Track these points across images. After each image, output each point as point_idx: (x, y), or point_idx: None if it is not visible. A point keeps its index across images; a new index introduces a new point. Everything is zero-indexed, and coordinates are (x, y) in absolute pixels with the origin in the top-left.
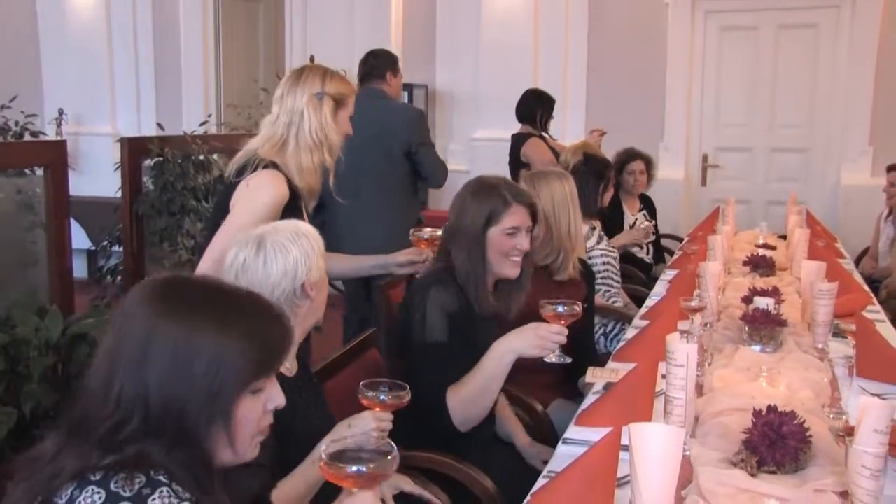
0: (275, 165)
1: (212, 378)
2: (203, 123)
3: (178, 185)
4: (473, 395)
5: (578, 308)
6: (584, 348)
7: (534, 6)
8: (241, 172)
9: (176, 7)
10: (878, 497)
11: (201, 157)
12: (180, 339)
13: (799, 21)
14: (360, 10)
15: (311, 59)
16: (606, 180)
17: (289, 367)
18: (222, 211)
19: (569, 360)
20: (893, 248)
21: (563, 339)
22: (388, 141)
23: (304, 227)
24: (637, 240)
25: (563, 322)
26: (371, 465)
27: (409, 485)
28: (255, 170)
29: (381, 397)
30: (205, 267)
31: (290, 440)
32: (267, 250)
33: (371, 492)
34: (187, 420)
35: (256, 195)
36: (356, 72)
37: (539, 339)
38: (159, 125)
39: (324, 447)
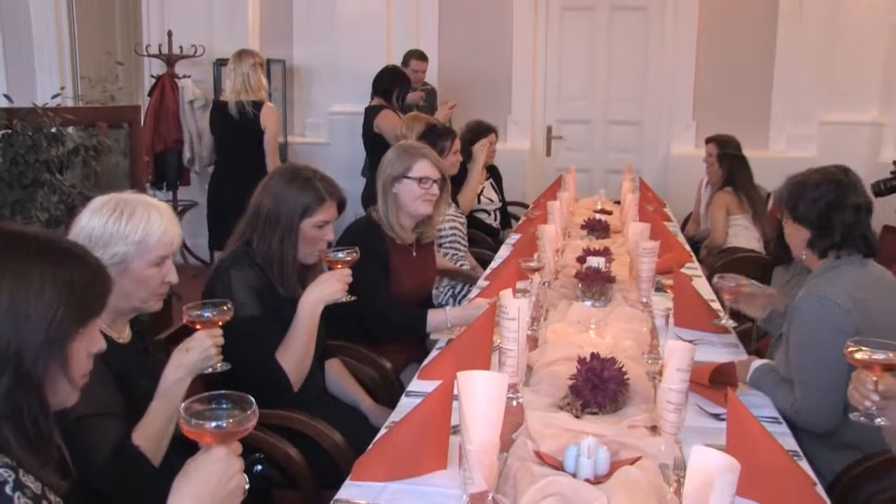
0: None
1: (46, 323)
2: (56, 96)
3: (29, 158)
4: (300, 351)
5: (356, 253)
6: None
7: None
8: (258, 108)
9: None
10: (680, 427)
11: (53, 130)
12: (12, 287)
13: (630, 3)
14: None
15: (169, 34)
16: (440, 149)
17: (117, 335)
18: (252, 133)
19: (354, 298)
20: (708, 211)
21: (351, 279)
22: None
23: (141, 208)
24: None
25: (341, 266)
26: (230, 421)
27: None
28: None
29: (206, 314)
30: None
31: (131, 397)
32: (112, 214)
33: (226, 447)
34: (24, 364)
35: (276, 118)
36: (213, 47)
37: (339, 284)
38: (6, 97)
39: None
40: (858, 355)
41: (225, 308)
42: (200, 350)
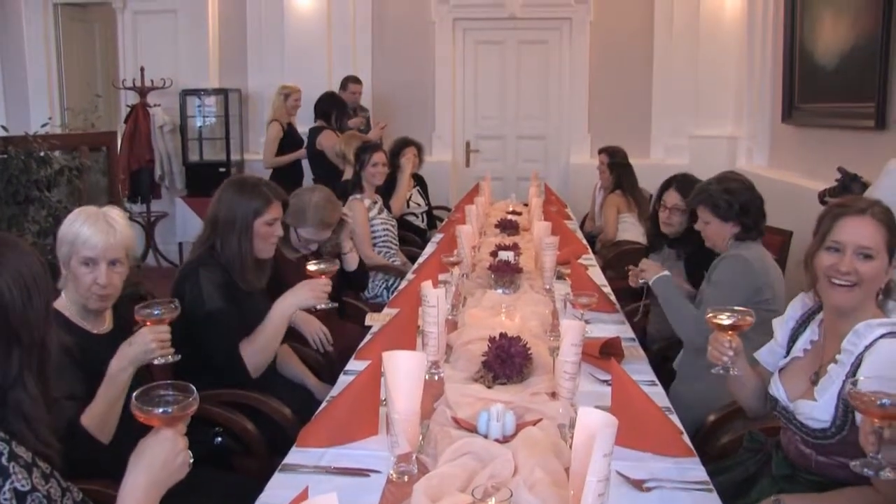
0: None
1: (45, 299)
2: (44, 126)
3: (22, 178)
4: (264, 345)
5: (336, 264)
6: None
7: (326, 24)
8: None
9: (20, 27)
10: (575, 392)
11: (42, 154)
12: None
13: (533, 38)
14: (182, 29)
15: (142, 69)
16: (361, 162)
17: (91, 327)
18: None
19: (335, 304)
20: (601, 211)
21: (329, 289)
22: None
23: (85, 215)
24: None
25: (324, 277)
26: (175, 407)
27: None
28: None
29: (155, 312)
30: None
31: (95, 381)
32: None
33: (172, 429)
34: (33, 334)
35: (273, 133)
36: (179, 79)
37: (313, 292)
38: (3, 127)
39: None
40: (716, 319)
41: (173, 306)
42: (141, 345)
